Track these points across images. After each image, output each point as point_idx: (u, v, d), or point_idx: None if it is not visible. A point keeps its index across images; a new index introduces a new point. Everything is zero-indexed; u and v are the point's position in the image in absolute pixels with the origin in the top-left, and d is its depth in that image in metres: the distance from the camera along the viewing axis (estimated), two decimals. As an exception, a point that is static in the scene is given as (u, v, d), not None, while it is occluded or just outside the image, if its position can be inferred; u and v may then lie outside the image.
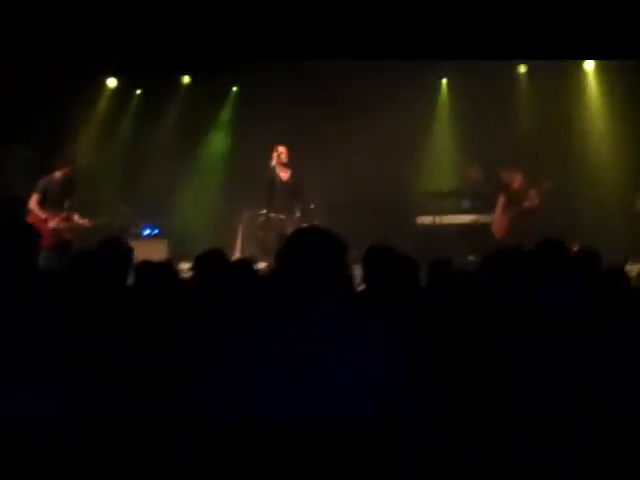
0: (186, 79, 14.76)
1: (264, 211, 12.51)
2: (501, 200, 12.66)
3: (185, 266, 10.89)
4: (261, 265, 10.53)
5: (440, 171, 14.15)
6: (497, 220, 12.70)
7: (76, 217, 12.12)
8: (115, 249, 4.93)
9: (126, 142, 14.65)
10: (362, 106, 13.14)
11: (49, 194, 11.98)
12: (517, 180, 12.57)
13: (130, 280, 5.01)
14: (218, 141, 15.09)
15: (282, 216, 11.96)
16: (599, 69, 13.77)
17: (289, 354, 2.89)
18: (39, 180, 12.02)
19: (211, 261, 5.09)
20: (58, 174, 12.11)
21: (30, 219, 11.70)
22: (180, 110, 14.72)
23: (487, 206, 12.97)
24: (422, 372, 3.73)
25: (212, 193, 14.17)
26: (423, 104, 14.09)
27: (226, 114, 15.12)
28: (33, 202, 11.90)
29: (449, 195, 13.44)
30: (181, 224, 13.82)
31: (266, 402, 2.85)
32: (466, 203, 13.31)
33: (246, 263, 5.09)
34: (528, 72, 14.01)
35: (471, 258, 12.15)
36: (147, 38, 12.39)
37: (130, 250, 5.07)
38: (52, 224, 11.88)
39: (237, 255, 12.44)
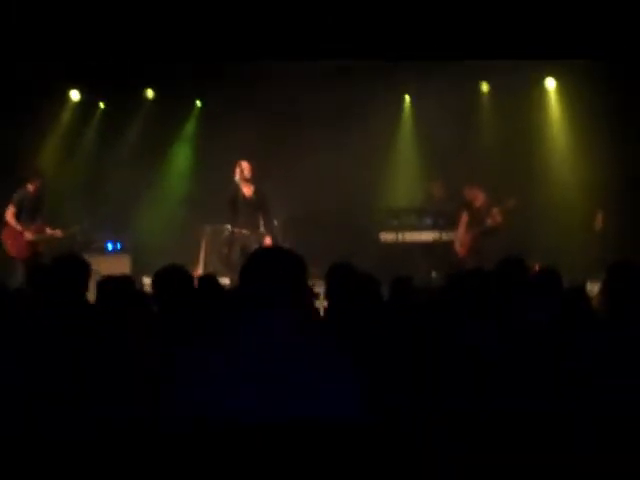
0: (150, 93, 14.69)
1: (228, 226, 12.50)
2: (464, 218, 12.75)
3: (148, 281, 10.88)
4: (225, 281, 10.53)
5: (403, 188, 14.19)
6: (460, 238, 12.78)
7: (48, 229, 12.08)
8: (71, 264, 4.91)
9: (89, 155, 14.55)
10: (326, 122, 13.16)
11: (24, 207, 12.02)
12: (480, 198, 12.67)
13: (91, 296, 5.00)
14: (182, 155, 15.03)
15: (245, 231, 11.94)
16: (560, 87, 13.89)
17: (248, 370, 2.92)
18: (12, 193, 12.03)
19: (171, 277, 5.07)
20: (31, 187, 12.14)
21: (6, 232, 11.69)
22: (143, 124, 14.65)
23: (450, 223, 13.05)
24: (382, 387, 3.75)
25: (175, 208, 14.11)
26: (386, 121, 14.13)
27: (190, 128, 15.06)
28: (9, 215, 11.89)
29: (412, 212, 13.49)
30: (144, 239, 13.74)
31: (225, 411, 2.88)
32: (429, 220, 13.35)
33: (210, 279, 5.09)
34: (490, 90, 14.10)
35: (434, 275, 12.22)
36: (110, 50, 12.39)
37: (87, 265, 5.05)
38: (28, 236, 11.87)
39: (200, 270, 12.42)
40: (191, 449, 2.84)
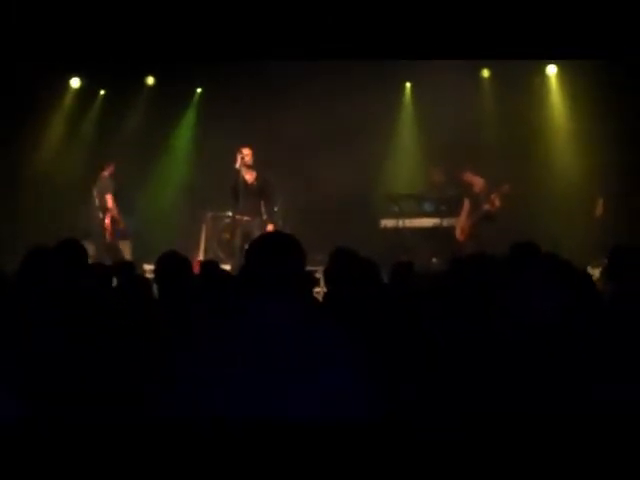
0: (150, 80, 14.69)
1: (229, 213, 12.52)
2: (466, 204, 12.75)
3: (148, 267, 10.92)
4: (226, 267, 10.55)
5: (404, 174, 14.20)
6: (460, 224, 12.78)
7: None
8: (70, 250, 4.95)
9: (89, 143, 14.56)
10: (327, 109, 13.15)
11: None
12: (479, 183, 12.67)
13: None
14: (182, 142, 15.03)
15: (247, 218, 11.96)
16: (561, 73, 13.89)
17: (249, 353, 2.95)
18: (98, 183, 12.59)
19: (171, 263, 5.09)
20: (106, 173, 12.34)
21: (109, 219, 12.33)
22: (144, 111, 14.65)
23: (450, 209, 13.06)
24: (384, 373, 3.76)
25: (176, 194, 14.12)
26: (387, 107, 14.15)
27: (190, 115, 15.07)
28: (111, 201, 12.36)
29: (412, 198, 13.50)
30: (145, 225, 13.75)
31: (227, 400, 2.90)
32: (429, 206, 13.37)
33: (213, 264, 5.11)
34: (491, 76, 14.10)
35: (434, 261, 12.23)
36: (111, 38, 12.37)
37: (84, 250, 5.13)
38: (121, 224, 12.47)
39: (201, 256, 12.44)
40: (192, 443, 2.86)
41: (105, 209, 12.35)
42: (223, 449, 2.82)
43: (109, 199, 12.34)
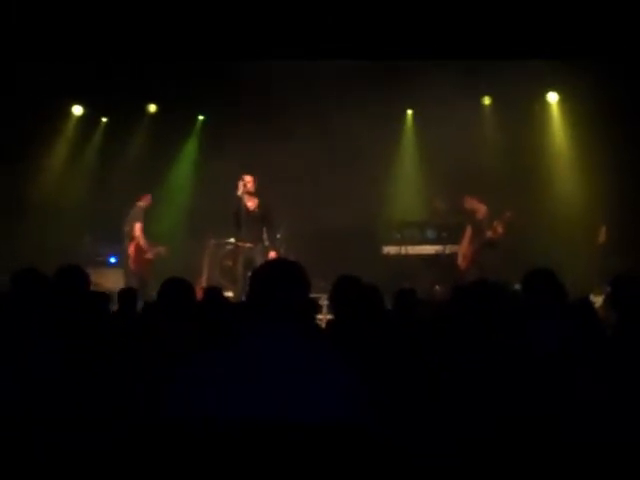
0: (152, 107, 14.74)
1: (231, 240, 12.52)
2: (468, 231, 12.75)
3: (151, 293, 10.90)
4: (228, 293, 10.54)
5: (406, 201, 14.21)
6: (462, 251, 12.77)
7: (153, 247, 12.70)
8: (73, 275, 4.97)
9: (91, 170, 14.59)
10: (328, 136, 13.18)
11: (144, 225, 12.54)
12: (481, 210, 12.67)
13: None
14: (184, 169, 15.07)
15: (249, 244, 11.95)
16: (562, 100, 13.93)
17: (250, 378, 2.96)
18: (132, 212, 12.65)
19: (175, 288, 5.09)
20: (142, 203, 12.40)
21: (133, 247, 12.39)
22: (146, 138, 14.69)
23: (452, 236, 13.06)
24: (384, 399, 3.75)
25: (178, 221, 14.12)
26: (389, 134, 14.18)
27: (192, 142, 15.11)
28: (139, 231, 12.47)
29: (414, 225, 13.50)
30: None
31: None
32: (431, 233, 13.38)
33: (216, 291, 5.10)
34: (492, 103, 14.14)
35: (437, 288, 12.22)
36: (114, 65, 12.44)
37: (87, 276, 5.15)
38: (149, 256, 12.45)
39: (203, 283, 12.43)
40: (189, 454, 2.86)
41: (132, 237, 12.36)
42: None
43: (137, 228, 12.43)
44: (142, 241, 12.38)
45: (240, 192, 11.91)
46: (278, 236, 12.71)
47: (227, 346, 3.11)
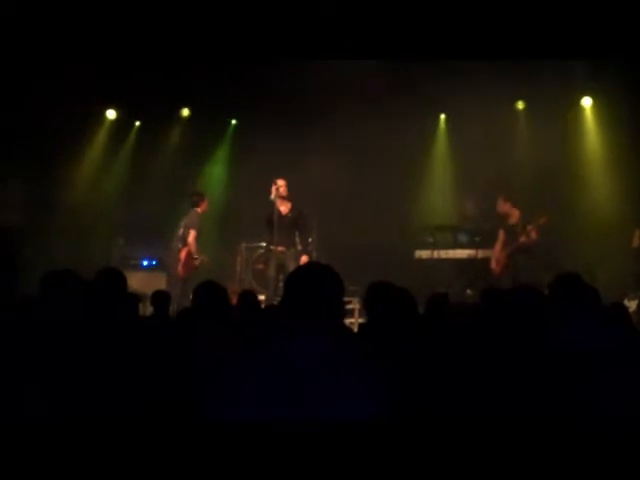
0: (185, 111, 14.82)
1: (264, 244, 12.55)
2: (501, 235, 12.70)
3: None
4: (260, 297, 10.57)
5: (439, 205, 14.18)
6: (496, 255, 12.73)
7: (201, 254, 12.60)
8: (110, 278, 5.02)
9: (125, 173, 14.69)
10: (362, 141, 13.19)
11: (199, 232, 12.53)
12: (515, 215, 12.62)
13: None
14: (216, 173, 15.12)
15: (282, 248, 11.97)
16: (597, 105, 13.86)
17: (285, 381, 3.01)
18: (188, 217, 12.55)
19: (209, 292, 5.12)
20: (199, 210, 12.42)
21: (184, 253, 12.32)
22: (179, 142, 14.77)
23: (484, 241, 13.01)
24: (419, 407, 3.75)
25: (210, 225, 14.16)
26: (422, 139, 14.17)
27: (225, 147, 15.16)
28: (193, 238, 12.42)
29: (447, 229, 13.47)
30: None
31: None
32: (464, 237, 13.34)
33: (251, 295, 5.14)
34: (526, 108, 14.09)
35: (469, 292, 12.19)
36: (148, 69, 12.52)
37: (124, 279, 5.19)
38: (197, 262, 12.41)
39: (236, 287, 12.47)
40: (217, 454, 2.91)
41: (185, 242, 12.42)
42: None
43: (192, 234, 12.39)
44: (194, 248, 12.38)
45: (273, 196, 11.94)
46: (310, 240, 12.73)
47: (263, 349, 3.14)
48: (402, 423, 3.08)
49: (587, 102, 13.93)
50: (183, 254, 12.38)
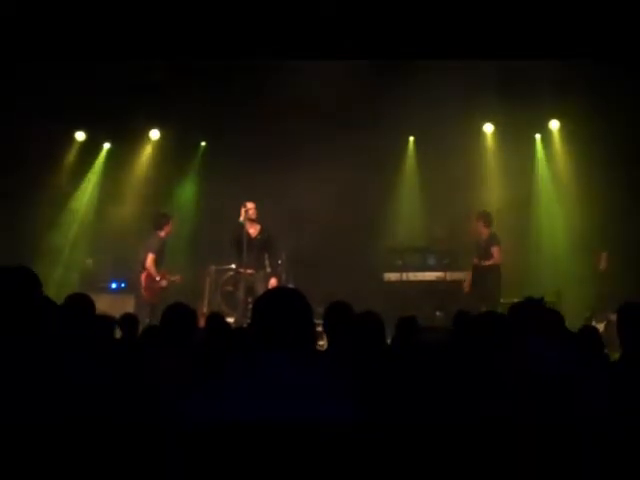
0: (155, 133, 14.78)
1: (233, 266, 12.54)
2: (475, 255, 12.80)
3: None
4: (229, 319, 10.55)
5: (407, 227, 14.22)
6: (469, 275, 12.82)
7: (168, 275, 12.58)
8: (78, 303, 5.02)
9: (93, 195, 14.63)
10: (330, 163, 13.20)
11: (160, 254, 12.46)
12: (484, 234, 12.70)
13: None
14: (186, 195, 15.07)
15: (251, 271, 11.98)
16: (563, 128, 13.97)
17: (253, 402, 3.04)
18: (149, 240, 12.49)
19: (179, 314, 5.11)
20: (162, 233, 12.38)
21: (144, 278, 12.33)
22: (148, 164, 14.73)
23: (453, 263, 13.08)
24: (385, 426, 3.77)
25: (179, 247, 14.11)
26: (391, 160, 14.23)
27: (194, 168, 15.12)
28: (150, 262, 12.33)
29: (416, 251, 13.52)
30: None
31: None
32: (432, 260, 13.40)
33: (218, 317, 5.14)
34: (494, 131, 14.19)
35: (438, 314, 12.24)
36: (117, 91, 12.49)
37: (92, 303, 5.20)
38: (163, 283, 12.35)
39: (204, 309, 12.44)
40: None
41: (144, 266, 12.40)
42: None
43: (149, 257, 12.34)
44: (153, 271, 12.32)
45: (242, 218, 11.95)
46: (280, 262, 12.74)
47: (229, 374, 3.17)
48: (370, 434, 3.11)
49: (554, 125, 14.05)
50: (143, 278, 12.34)
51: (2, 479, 3.18)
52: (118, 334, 7.42)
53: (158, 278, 12.30)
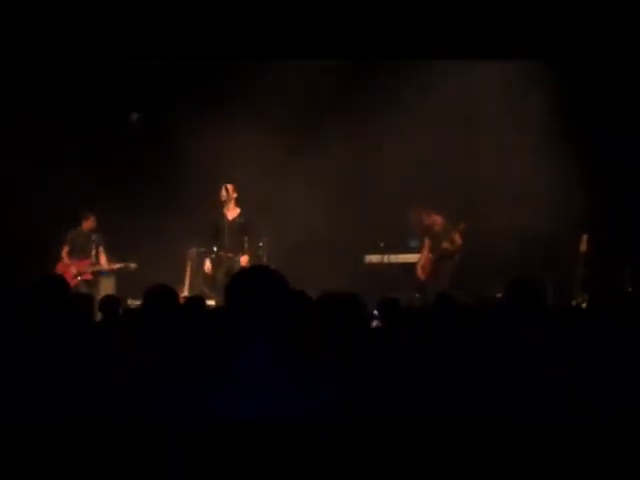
0: (134, 117, 14.63)
1: (213, 249, 12.51)
2: (427, 242, 12.85)
3: (132, 302, 10.87)
4: (210, 303, 10.53)
5: (386, 210, 14.11)
6: (422, 262, 12.88)
7: (102, 261, 12.99)
8: (51, 285, 5.00)
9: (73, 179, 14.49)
10: (313, 143, 13.11)
11: (76, 246, 12.91)
12: (438, 222, 12.73)
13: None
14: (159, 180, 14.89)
15: (231, 254, 11.97)
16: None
17: (230, 389, 3.05)
18: (75, 230, 12.98)
19: (160, 297, 5.09)
20: (85, 224, 12.98)
21: (59, 267, 12.74)
22: (128, 147, 14.59)
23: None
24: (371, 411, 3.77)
25: (159, 230, 14.01)
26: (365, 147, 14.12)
27: (174, 151, 14.93)
28: (64, 252, 12.94)
29: (397, 234, 13.57)
30: (129, 261, 13.64)
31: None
32: (414, 242, 13.46)
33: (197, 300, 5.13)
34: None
35: (417, 296, 12.34)
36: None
37: (67, 285, 5.18)
38: (73, 270, 12.74)
39: (186, 292, 12.41)
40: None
41: (59, 257, 12.88)
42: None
43: (63, 250, 12.91)
44: (66, 261, 12.85)
45: (222, 201, 11.94)
46: (261, 244, 12.71)
47: (210, 369, 3.16)
48: (353, 425, 3.10)
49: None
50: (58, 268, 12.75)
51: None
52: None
53: (68, 262, 12.84)
